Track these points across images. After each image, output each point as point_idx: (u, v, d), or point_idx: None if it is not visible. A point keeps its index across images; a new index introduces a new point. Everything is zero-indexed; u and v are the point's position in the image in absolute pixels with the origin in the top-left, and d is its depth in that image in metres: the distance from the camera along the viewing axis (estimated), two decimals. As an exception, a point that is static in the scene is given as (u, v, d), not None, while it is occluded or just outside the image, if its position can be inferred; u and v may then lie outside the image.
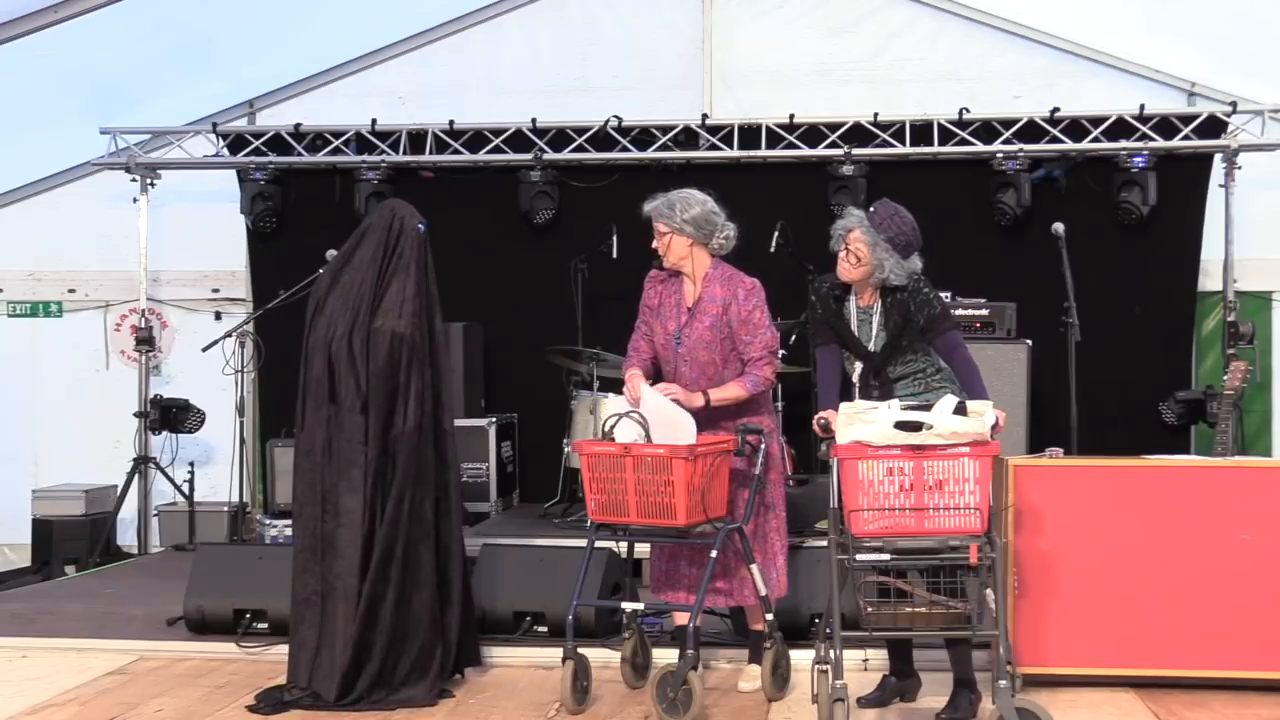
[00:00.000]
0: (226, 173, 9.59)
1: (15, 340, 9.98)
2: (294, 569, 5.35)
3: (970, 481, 4.49)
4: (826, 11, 9.41)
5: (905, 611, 4.63)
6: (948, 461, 4.51)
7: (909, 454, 4.52)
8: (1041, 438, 7.45)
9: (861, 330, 5.09)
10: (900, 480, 4.53)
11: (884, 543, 4.52)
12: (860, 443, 4.55)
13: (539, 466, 9.12)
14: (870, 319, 5.06)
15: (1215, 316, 9.01)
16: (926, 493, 4.51)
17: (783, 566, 5.37)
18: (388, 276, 5.37)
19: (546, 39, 9.61)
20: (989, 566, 4.52)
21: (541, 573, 6.15)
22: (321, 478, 5.27)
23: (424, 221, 5.52)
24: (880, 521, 4.52)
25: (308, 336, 5.41)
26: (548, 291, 9.00)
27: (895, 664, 5.25)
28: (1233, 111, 8.75)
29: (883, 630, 4.70)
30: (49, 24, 7.60)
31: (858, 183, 8.81)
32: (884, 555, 4.51)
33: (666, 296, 5.43)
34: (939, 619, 4.65)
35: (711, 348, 5.28)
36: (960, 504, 4.50)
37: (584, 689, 5.18)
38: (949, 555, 4.51)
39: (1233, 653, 5.30)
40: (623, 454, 5.03)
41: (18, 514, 9.41)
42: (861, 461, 4.54)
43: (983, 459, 4.52)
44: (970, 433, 4.51)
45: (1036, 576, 5.37)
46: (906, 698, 5.19)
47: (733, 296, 5.27)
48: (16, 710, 5.20)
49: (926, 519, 4.52)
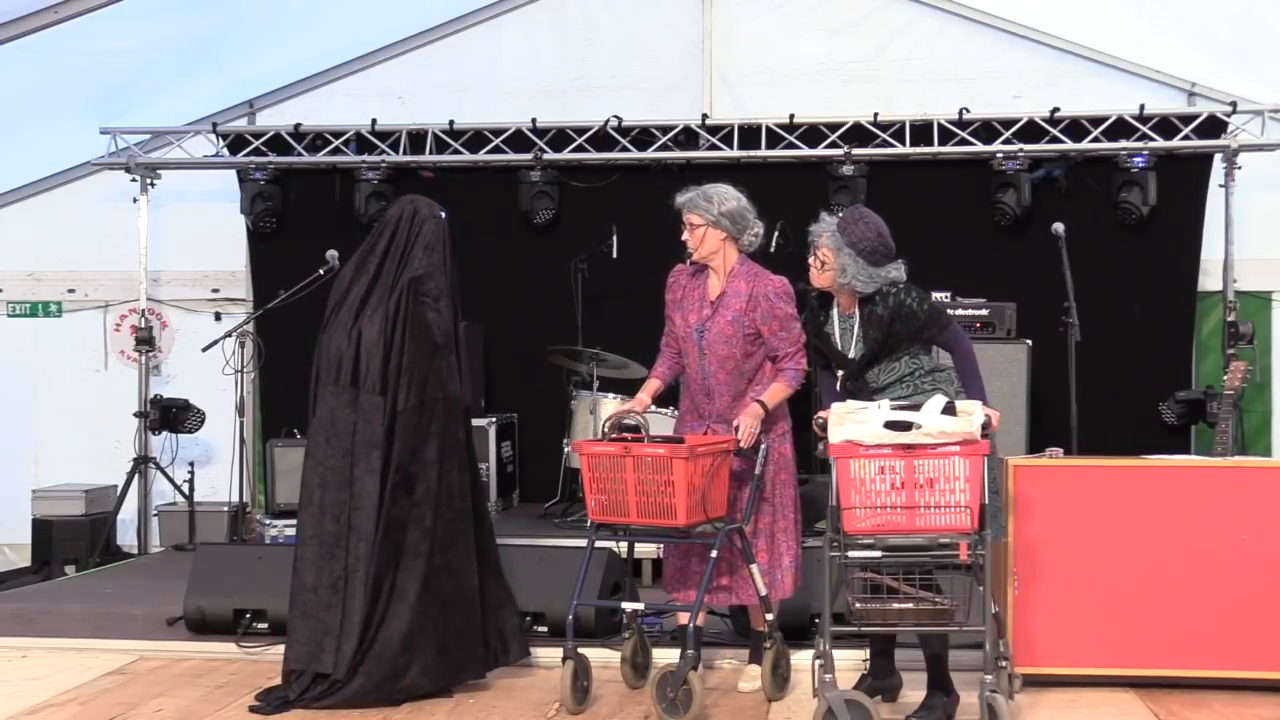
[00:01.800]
0: (226, 173, 9.59)
1: (15, 340, 9.98)
2: (311, 555, 5.22)
3: (961, 480, 4.53)
4: (826, 11, 9.41)
5: (894, 608, 4.66)
6: (938, 460, 4.55)
7: (900, 453, 4.56)
8: (1041, 438, 7.46)
9: (844, 338, 5.11)
10: (892, 479, 4.57)
11: (875, 540, 4.56)
12: (852, 442, 4.59)
13: (539, 466, 9.12)
14: (851, 327, 5.09)
15: (1215, 316, 9.01)
16: (917, 491, 4.55)
17: (788, 567, 5.35)
18: (411, 264, 5.36)
19: (546, 39, 9.61)
20: (980, 565, 4.54)
21: (541, 573, 6.15)
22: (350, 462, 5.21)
23: (443, 210, 5.55)
24: (873, 519, 4.56)
25: (329, 323, 5.37)
26: (548, 291, 9.00)
27: (875, 663, 5.24)
28: (1233, 111, 8.75)
29: (871, 626, 4.73)
30: (49, 24, 7.60)
31: (858, 183, 8.80)
32: (875, 553, 4.55)
33: (691, 290, 5.43)
34: (927, 615, 4.67)
35: (731, 342, 5.29)
36: (951, 502, 4.53)
37: (584, 689, 5.18)
38: (939, 553, 4.54)
39: (1233, 653, 5.30)
40: (623, 454, 5.03)
41: (18, 514, 9.41)
42: (853, 460, 4.57)
43: (973, 458, 4.54)
44: (959, 432, 4.55)
45: (1036, 576, 5.37)
46: (887, 697, 5.17)
47: (761, 294, 5.29)
48: (16, 710, 5.20)
49: (918, 517, 4.55)
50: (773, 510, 5.34)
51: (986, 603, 4.61)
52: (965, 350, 5.07)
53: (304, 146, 9.40)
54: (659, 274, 5.62)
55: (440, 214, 5.53)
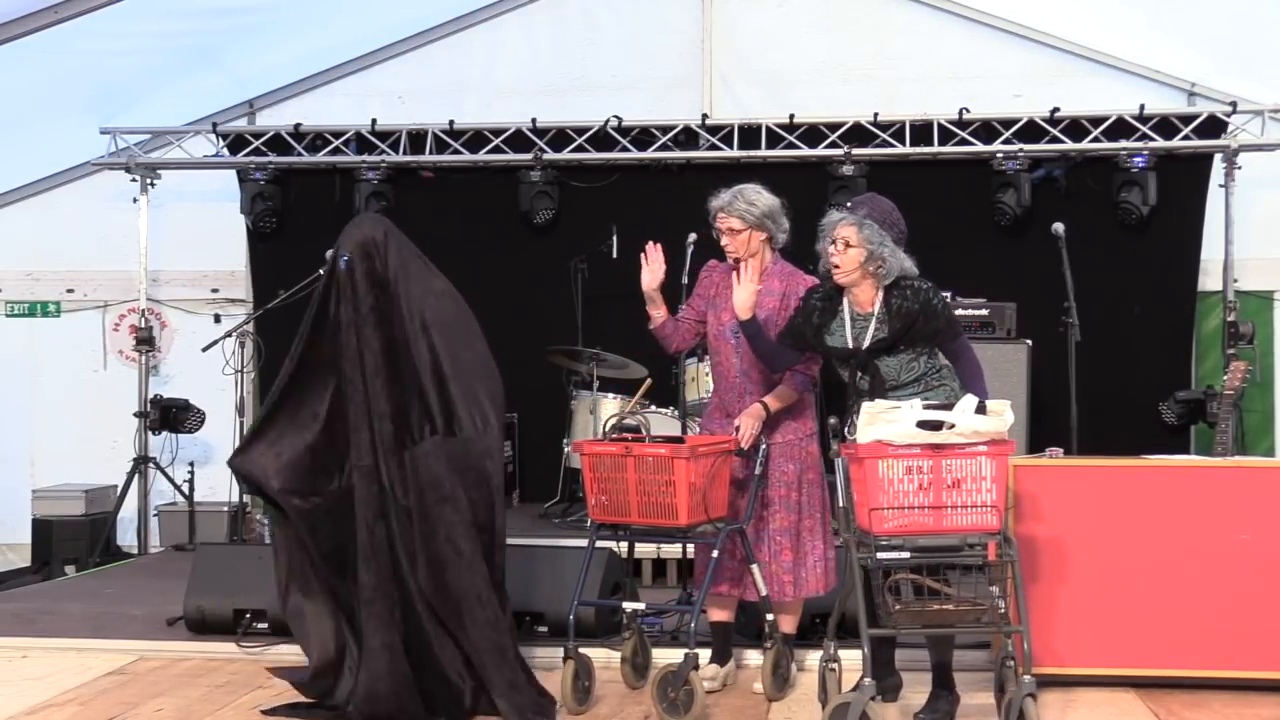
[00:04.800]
0: (226, 173, 9.59)
1: (13, 340, 9.99)
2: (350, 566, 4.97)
3: (987, 480, 4.49)
4: (826, 11, 9.42)
5: (933, 609, 4.60)
6: (965, 460, 4.51)
7: (928, 453, 4.51)
8: (1041, 438, 7.45)
9: (856, 332, 4.96)
10: (919, 479, 4.51)
11: (904, 541, 4.51)
12: (882, 441, 4.54)
13: (539, 466, 9.13)
14: (868, 325, 4.95)
15: (1215, 316, 9.01)
16: (945, 491, 4.50)
17: (813, 565, 5.33)
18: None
19: (546, 39, 9.62)
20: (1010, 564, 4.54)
21: (541, 573, 6.14)
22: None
23: (346, 255, 5.06)
24: (899, 520, 4.51)
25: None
26: (548, 291, 9.00)
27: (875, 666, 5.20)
28: (1233, 111, 8.75)
29: (909, 629, 4.64)
30: (49, 24, 7.59)
31: (858, 183, 8.80)
32: (904, 554, 4.50)
33: (724, 288, 5.38)
34: (966, 616, 4.62)
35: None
36: (978, 502, 4.50)
37: (585, 689, 5.16)
38: (968, 553, 4.50)
39: (1233, 653, 5.30)
40: (624, 454, 5.03)
41: (18, 514, 9.42)
42: (882, 460, 4.52)
43: (999, 457, 4.52)
44: (991, 431, 4.51)
45: (1036, 576, 5.36)
46: (888, 698, 5.15)
47: (793, 292, 5.26)
48: (16, 710, 5.20)
49: (945, 517, 4.51)
50: (798, 509, 5.32)
51: (1022, 603, 4.57)
52: (972, 360, 5.01)
53: (304, 146, 9.40)
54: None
55: (343, 260, 5.05)
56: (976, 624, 4.64)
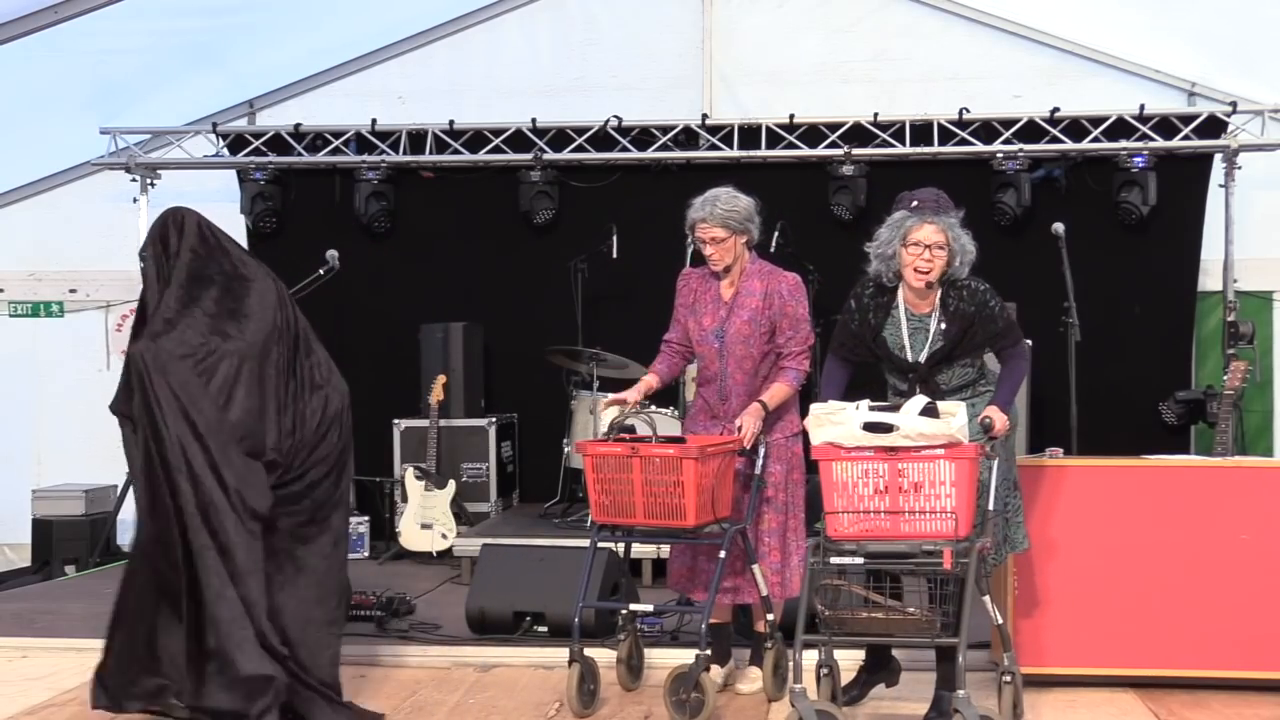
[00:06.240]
0: (226, 173, 9.59)
1: (16, 340, 9.97)
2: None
3: (946, 484, 4.35)
4: (826, 11, 9.41)
5: (862, 617, 4.51)
6: (923, 464, 4.37)
7: (883, 455, 4.40)
8: (1041, 438, 7.46)
9: (915, 340, 4.85)
10: (875, 482, 4.40)
11: (858, 546, 4.41)
12: (833, 444, 4.45)
13: (539, 466, 9.12)
14: (925, 328, 4.84)
15: (1215, 316, 9.00)
16: (902, 495, 4.39)
17: (796, 566, 5.32)
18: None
19: (546, 39, 9.61)
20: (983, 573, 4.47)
21: (541, 573, 6.15)
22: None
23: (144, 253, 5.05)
24: (857, 525, 4.41)
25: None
26: (548, 291, 8.99)
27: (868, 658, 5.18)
28: (1233, 112, 8.75)
29: (843, 636, 4.59)
30: (50, 24, 7.60)
31: (858, 183, 8.81)
32: (857, 559, 4.41)
33: (703, 293, 5.39)
34: (897, 626, 4.53)
35: (749, 342, 5.26)
36: (936, 508, 4.37)
37: (591, 693, 5.12)
38: (922, 560, 4.38)
39: (1233, 653, 5.31)
40: (630, 454, 4.99)
41: (18, 514, 9.40)
42: (836, 463, 4.43)
43: (959, 461, 4.37)
44: (939, 435, 4.37)
45: (1036, 576, 5.37)
46: (890, 681, 5.12)
47: (775, 291, 5.27)
48: (16, 710, 5.20)
49: (903, 522, 4.38)
50: (785, 509, 5.32)
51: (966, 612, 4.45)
52: (1022, 369, 4.89)
53: (304, 146, 9.40)
54: (659, 274, 5.61)
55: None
56: (918, 633, 4.51)
